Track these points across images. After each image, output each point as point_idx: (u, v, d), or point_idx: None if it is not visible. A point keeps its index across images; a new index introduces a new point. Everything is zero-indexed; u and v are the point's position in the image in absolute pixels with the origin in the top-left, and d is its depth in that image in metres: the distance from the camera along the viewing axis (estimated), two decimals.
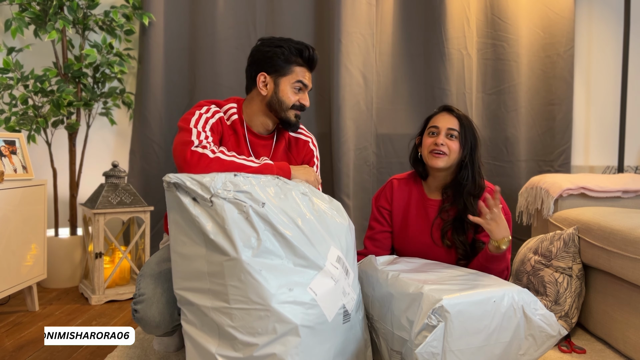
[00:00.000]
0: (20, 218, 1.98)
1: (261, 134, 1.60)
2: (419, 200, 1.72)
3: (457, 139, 1.62)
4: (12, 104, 2.43)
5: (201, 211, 1.18)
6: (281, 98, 1.54)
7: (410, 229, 1.72)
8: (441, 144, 1.61)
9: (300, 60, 1.55)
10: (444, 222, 1.66)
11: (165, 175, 1.23)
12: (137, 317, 1.38)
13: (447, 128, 1.63)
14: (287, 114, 1.56)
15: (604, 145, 2.92)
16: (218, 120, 1.52)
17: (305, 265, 1.23)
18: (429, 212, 1.70)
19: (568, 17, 2.77)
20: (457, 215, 1.64)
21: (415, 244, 1.70)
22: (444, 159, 1.61)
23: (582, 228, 1.91)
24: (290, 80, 1.55)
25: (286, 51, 1.54)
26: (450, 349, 1.21)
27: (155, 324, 1.37)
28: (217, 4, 2.69)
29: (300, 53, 1.55)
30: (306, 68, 1.57)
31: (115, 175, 2.37)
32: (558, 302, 1.86)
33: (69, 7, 2.44)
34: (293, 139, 1.69)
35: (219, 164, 1.32)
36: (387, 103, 2.81)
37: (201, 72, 2.71)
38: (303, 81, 1.56)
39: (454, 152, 1.61)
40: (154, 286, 1.39)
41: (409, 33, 2.81)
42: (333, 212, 1.38)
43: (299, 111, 1.58)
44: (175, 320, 1.39)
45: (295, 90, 1.56)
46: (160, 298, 1.37)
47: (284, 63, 1.54)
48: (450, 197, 1.65)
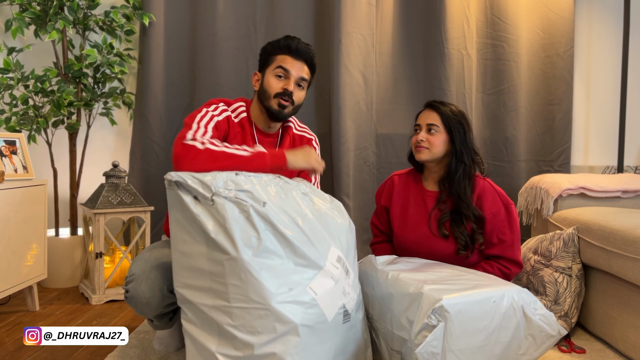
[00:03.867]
0: (21, 218, 1.98)
1: (267, 131, 1.63)
2: (418, 192, 1.78)
3: (438, 132, 1.69)
4: (13, 104, 2.44)
5: (202, 210, 1.19)
6: (264, 87, 1.58)
7: (409, 219, 1.77)
8: (421, 140, 1.69)
9: (283, 50, 1.57)
10: (441, 212, 1.70)
11: (167, 173, 1.23)
12: (127, 297, 1.40)
13: (427, 124, 1.70)
14: (270, 102, 1.56)
15: (603, 145, 2.92)
16: (225, 119, 1.54)
17: (305, 265, 1.23)
18: (427, 203, 1.75)
19: (568, 17, 2.77)
20: (454, 207, 1.68)
21: (414, 234, 1.74)
22: (426, 152, 1.69)
23: (581, 228, 1.91)
24: (272, 68, 1.58)
25: (269, 46, 1.60)
26: (450, 349, 1.21)
27: (146, 301, 1.38)
28: (217, 4, 2.69)
29: (282, 44, 1.57)
30: (289, 55, 1.56)
31: (115, 175, 2.37)
32: (558, 302, 1.86)
33: (70, 8, 2.44)
34: (297, 136, 1.72)
35: (208, 154, 1.32)
36: (387, 103, 2.81)
37: (201, 72, 2.71)
38: (284, 66, 1.55)
39: (435, 145, 1.68)
40: (144, 265, 1.42)
41: (409, 33, 2.81)
42: (334, 212, 1.39)
43: (284, 100, 1.56)
44: (166, 297, 1.40)
45: (277, 77, 1.56)
46: (149, 275, 1.39)
47: (268, 56, 1.60)
48: (447, 189, 1.70)
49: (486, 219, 1.65)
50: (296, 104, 1.59)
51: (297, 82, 1.58)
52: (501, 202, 1.68)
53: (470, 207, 1.65)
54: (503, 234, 1.67)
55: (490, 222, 1.66)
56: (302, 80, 1.59)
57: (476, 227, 1.67)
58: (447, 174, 1.71)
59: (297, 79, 1.57)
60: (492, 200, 1.67)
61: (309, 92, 1.63)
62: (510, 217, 1.68)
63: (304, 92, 1.62)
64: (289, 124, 1.72)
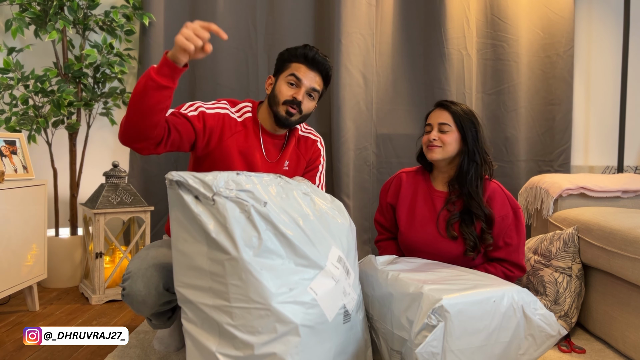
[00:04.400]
0: (21, 218, 1.98)
1: (273, 132, 1.64)
2: (426, 192, 1.76)
3: (451, 131, 1.67)
4: (13, 104, 2.43)
5: (203, 209, 1.19)
6: (276, 92, 1.58)
7: (416, 218, 1.74)
8: (434, 139, 1.67)
9: (299, 58, 1.58)
10: (450, 213, 1.68)
11: (168, 172, 1.23)
12: (124, 294, 1.40)
13: (439, 123, 1.69)
14: (278, 108, 1.57)
15: (603, 145, 2.92)
16: (218, 114, 1.56)
17: (306, 265, 1.23)
18: (436, 203, 1.73)
19: (568, 17, 2.77)
20: (464, 207, 1.66)
21: (422, 234, 1.72)
22: (439, 151, 1.67)
23: (581, 228, 1.91)
24: (285, 75, 1.58)
25: (286, 53, 1.61)
26: (450, 349, 1.21)
27: (142, 299, 1.37)
28: (217, 4, 2.69)
29: (299, 53, 1.58)
30: (304, 65, 1.57)
31: (115, 175, 2.37)
32: (558, 302, 1.86)
33: (69, 8, 2.44)
34: (302, 137, 1.73)
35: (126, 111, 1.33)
36: (387, 103, 2.81)
37: (201, 72, 2.71)
38: (296, 74, 1.56)
39: (448, 144, 1.67)
40: (140, 263, 1.41)
41: (408, 33, 2.81)
42: (334, 212, 1.39)
43: (292, 107, 1.56)
44: (162, 295, 1.39)
45: (289, 84, 1.57)
46: (145, 272, 1.38)
47: (284, 63, 1.61)
48: (457, 190, 1.69)
49: (495, 222, 1.65)
50: (304, 113, 1.59)
51: (308, 92, 1.58)
52: (510, 206, 1.67)
53: (481, 206, 1.63)
54: (510, 238, 1.67)
55: (499, 225, 1.65)
56: (313, 91, 1.59)
57: (486, 227, 1.65)
58: (458, 174, 1.69)
59: (308, 89, 1.57)
60: (501, 203, 1.66)
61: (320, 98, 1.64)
62: (517, 221, 1.68)
63: (314, 102, 1.62)
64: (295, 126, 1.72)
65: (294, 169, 1.70)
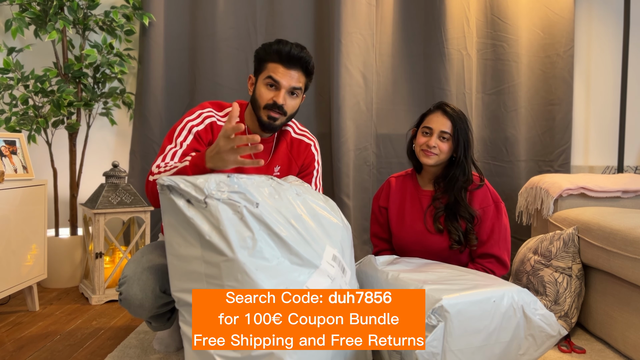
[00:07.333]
0: (21, 218, 1.98)
1: (260, 135, 1.58)
2: (414, 193, 1.83)
3: (449, 140, 1.73)
4: (13, 104, 2.43)
5: (196, 212, 1.18)
6: (256, 96, 1.52)
7: (406, 218, 1.81)
8: (433, 146, 1.72)
9: (275, 57, 1.48)
10: (436, 209, 1.75)
11: (159, 177, 1.22)
12: (121, 299, 1.39)
13: (440, 131, 1.73)
14: (260, 113, 1.51)
15: (603, 145, 2.92)
16: (208, 126, 1.52)
17: (301, 264, 1.23)
18: (423, 202, 1.81)
19: (568, 17, 2.77)
20: (449, 203, 1.74)
21: (411, 232, 1.79)
22: (434, 158, 1.73)
23: (581, 228, 1.91)
24: (263, 77, 1.51)
25: (262, 51, 1.52)
26: (450, 349, 1.21)
27: (139, 302, 1.37)
28: (217, 4, 2.69)
29: (273, 50, 1.48)
30: (280, 64, 1.48)
31: (115, 176, 2.37)
32: (558, 302, 1.86)
33: (69, 8, 2.44)
34: (296, 140, 1.68)
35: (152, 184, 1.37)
36: (387, 103, 2.81)
37: (201, 72, 2.71)
38: (273, 77, 1.47)
39: (444, 152, 1.73)
40: (135, 267, 1.40)
41: (408, 33, 2.81)
42: (328, 211, 1.39)
43: (274, 112, 1.49)
44: (159, 297, 1.38)
45: (267, 87, 1.49)
46: (141, 276, 1.38)
47: (260, 62, 1.53)
48: (442, 188, 1.77)
49: (476, 216, 1.71)
50: (289, 113, 1.53)
51: (289, 91, 1.50)
52: (491, 199, 1.75)
53: (468, 209, 1.71)
54: (491, 231, 1.73)
55: (479, 217, 1.72)
56: (294, 89, 1.51)
57: (470, 226, 1.71)
58: (443, 174, 1.77)
59: (288, 89, 1.50)
60: (482, 196, 1.74)
61: (308, 92, 1.59)
62: (499, 214, 1.74)
63: (298, 99, 1.55)
64: (287, 127, 1.68)
65: (285, 173, 1.66)
